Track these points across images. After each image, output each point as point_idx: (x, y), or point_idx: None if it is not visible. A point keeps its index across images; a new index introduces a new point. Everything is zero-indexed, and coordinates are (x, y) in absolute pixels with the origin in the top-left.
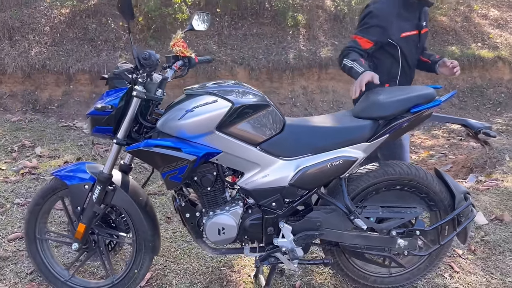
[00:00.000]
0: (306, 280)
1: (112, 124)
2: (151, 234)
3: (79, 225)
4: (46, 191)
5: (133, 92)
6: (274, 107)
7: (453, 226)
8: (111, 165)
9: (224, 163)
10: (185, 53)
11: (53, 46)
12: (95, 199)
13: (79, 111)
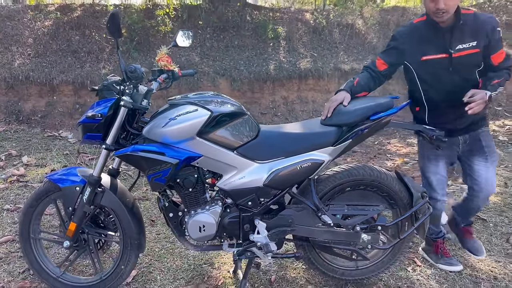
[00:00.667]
0: (281, 275)
1: (102, 131)
2: (136, 233)
3: (71, 224)
4: (40, 194)
5: (121, 102)
6: (249, 115)
7: (411, 222)
8: (100, 169)
9: (204, 166)
10: (169, 67)
11: (36, 57)
12: (85, 200)
13: (62, 121)
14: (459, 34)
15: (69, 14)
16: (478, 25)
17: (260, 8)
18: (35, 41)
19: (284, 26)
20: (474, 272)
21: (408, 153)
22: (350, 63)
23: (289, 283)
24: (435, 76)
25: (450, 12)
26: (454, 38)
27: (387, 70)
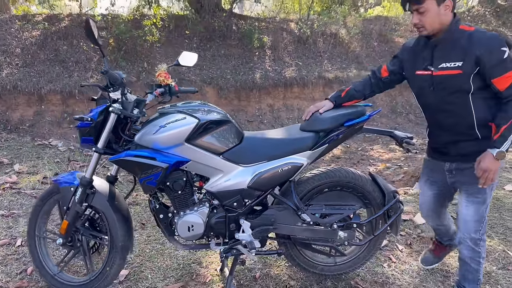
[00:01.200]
0: (265, 272)
1: (93, 135)
2: (122, 235)
3: (63, 222)
4: (45, 194)
5: (110, 108)
6: (233, 122)
7: (384, 220)
8: (92, 171)
9: (193, 170)
10: (166, 82)
11: (24, 67)
12: (77, 199)
13: (51, 130)
14: (446, 52)
15: (56, 24)
16: (469, 45)
17: (245, 17)
18: (23, 51)
19: (270, 35)
20: (445, 267)
21: (390, 158)
22: (334, 71)
23: (272, 279)
24: (421, 94)
25: (428, 28)
26: (438, 55)
27: (388, 78)
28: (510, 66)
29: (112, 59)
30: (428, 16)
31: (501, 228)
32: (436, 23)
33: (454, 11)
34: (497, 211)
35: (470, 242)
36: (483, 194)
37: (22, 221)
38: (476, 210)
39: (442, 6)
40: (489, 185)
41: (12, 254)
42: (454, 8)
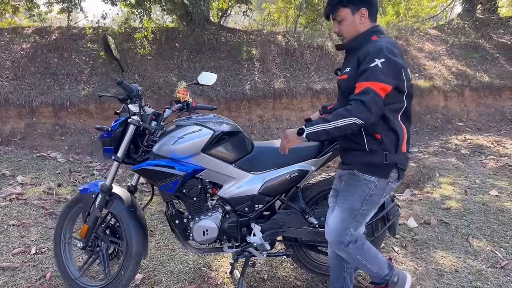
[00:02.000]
0: (273, 274)
1: (113, 145)
2: (137, 241)
3: (84, 226)
4: (71, 202)
5: (129, 120)
6: (244, 133)
7: (383, 222)
8: (112, 178)
9: (207, 178)
10: (184, 98)
11: (15, 80)
12: (97, 205)
13: (42, 142)
14: (349, 58)
15: (46, 37)
16: (359, 52)
17: (234, 30)
18: (13, 64)
19: (258, 48)
20: (439, 267)
21: None
22: (321, 82)
23: (280, 280)
24: (340, 96)
25: (346, 36)
26: (345, 61)
27: None
28: (370, 77)
29: (103, 72)
30: (345, 24)
31: (488, 230)
32: (352, 31)
33: (375, 21)
34: (483, 215)
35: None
36: (354, 206)
37: (33, 230)
38: (341, 216)
39: (357, 15)
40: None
41: (28, 261)
42: (373, 17)
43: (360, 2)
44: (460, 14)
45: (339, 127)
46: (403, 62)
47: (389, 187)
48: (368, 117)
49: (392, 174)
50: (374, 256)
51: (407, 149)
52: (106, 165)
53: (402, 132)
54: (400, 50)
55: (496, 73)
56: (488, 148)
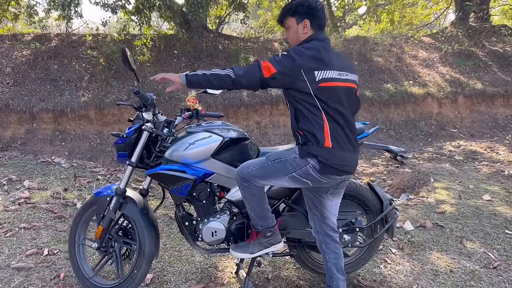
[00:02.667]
0: (276, 274)
1: (128, 150)
2: (149, 241)
3: (99, 228)
4: (85, 205)
5: (143, 127)
6: (251, 139)
7: (382, 224)
8: (126, 182)
9: (216, 182)
10: (194, 106)
11: (15, 86)
12: (111, 208)
13: (43, 148)
14: None
15: (46, 44)
16: None
17: (231, 38)
18: (13, 70)
19: (255, 55)
20: (434, 267)
21: (373, 172)
22: None
23: (283, 280)
24: None
25: (291, 43)
26: None
27: None
28: (267, 59)
29: (102, 78)
30: (290, 32)
31: (481, 233)
32: (295, 39)
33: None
34: (477, 218)
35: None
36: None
37: (44, 232)
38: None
39: (300, 25)
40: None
41: (42, 262)
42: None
43: (304, 13)
44: (453, 22)
45: (216, 74)
46: (310, 64)
47: (306, 170)
48: (240, 75)
49: (311, 161)
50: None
51: (333, 145)
52: (110, 170)
53: (323, 128)
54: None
55: (489, 80)
56: (481, 154)
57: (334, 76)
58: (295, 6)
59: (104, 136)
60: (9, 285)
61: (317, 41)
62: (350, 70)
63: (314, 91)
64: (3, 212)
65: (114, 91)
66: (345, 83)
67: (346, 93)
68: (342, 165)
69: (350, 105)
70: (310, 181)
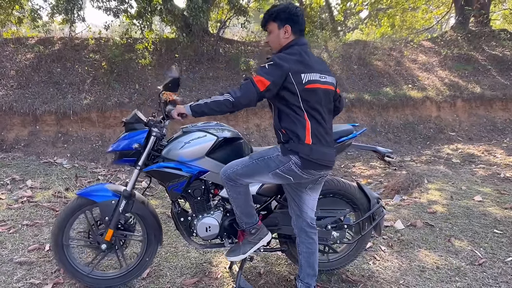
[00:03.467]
0: (268, 269)
1: (137, 156)
2: (158, 230)
3: (109, 231)
4: (73, 208)
5: (153, 133)
6: (244, 139)
7: (370, 221)
8: (133, 185)
9: (210, 179)
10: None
11: (19, 89)
12: (122, 210)
13: (45, 150)
14: None
15: (49, 47)
16: None
17: (232, 41)
18: (17, 73)
19: (255, 58)
20: (421, 264)
21: (371, 174)
22: None
23: (274, 274)
24: None
25: (273, 47)
26: None
27: None
28: (256, 72)
29: (104, 81)
30: (272, 36)
31: (470, 232)
32: (277, 43)
33: (300, 35)
34: (467, 218)
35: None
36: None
37: (45, 229)
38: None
39: (282, 30)
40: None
41: (43, 257)
42: (297, 33)
43: (285, 19)
44: (453, 26)
45: (216, 101)
46: (297, 67)
47: (289, 166)
48: (238, 96)
49: (293, 158)
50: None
51: (313, 142)
52: (110, 170)
53: (305, 127)
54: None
55: (488, 84)
56: (478, 157)
57: (316, 78)
58: (277, 12)
59: (106, 138)
60: (12, 278)
61: (297, 46)
62: (328, 73)
63: (300, 92)
64: (6, 210)
65: (116, 94)
66: (324, 85)
67: (325, 94)
68: (321, 159)
69: (326, 105)
70: (292, 177)
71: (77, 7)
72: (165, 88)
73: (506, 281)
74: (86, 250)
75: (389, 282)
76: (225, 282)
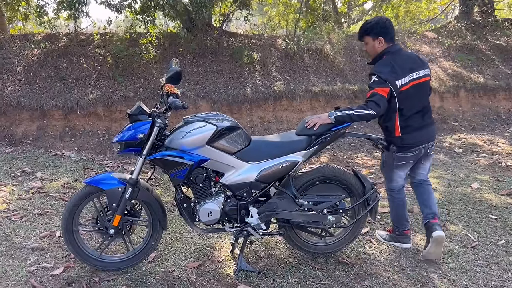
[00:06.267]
0: (268, 253)
1: (141, 146)
2: (163, 215)
3: (116, 217)
4: (82, 195)
5: (156, 124)
6: (243, 129)
7: (364, 206)
8: (138, 173)
9: (211, 167)
10: (171, 90)
11: (27, 84)
12: (128, 197)
13: (53, 144)
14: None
15: (56, 43)
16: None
17: (235, 35)
18: (24, 69)
19: (259, 51)
20: (416, 247)
21: (373, 165)
22: (320, 85)
23: (274, 257)
24: None
25: (371, 55)
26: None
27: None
28: (371, 87)
29: (110, 76)
30: (368, 47)
31: (465, 218)
32: (373, 52)
33: (392, 42)
34: (463, 204)
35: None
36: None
37: (56, 218)
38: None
39: (376, 41)
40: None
41: (54, 243)
42: (390, 40)
43: (378, 32)
44: (456, 16)
45: (358, 115)
46: (390, 76)
47: (394, 156)
48: (379, 110)
49: (391, 148)
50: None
51: (401, 134)
52: (117, 162)
53: (394, 123)
54: (396, 65)
55: (491, 74)
56: (480, 146)
57: (407, 81)
58: (370, 27)
59: (112, 132)
60: (26, 263)
61: (390, 54)
62: (421, 67)
63: (397, 94)
64: (18, 200)
65: (122, 88)
66: (418, 81)
67: (419, 87)
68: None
69: (423, 94)
70: (403, 160)
71: (82, 2)
72: (167, 81)
73: (496, 263)
74: (93, 237)
75: (384, 264)
76: (227, 264)
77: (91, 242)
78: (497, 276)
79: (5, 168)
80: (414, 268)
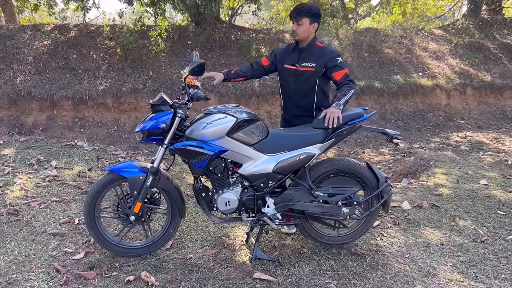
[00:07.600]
0: (282, 242)
1: (163, 135)
2: (182, 204)
3: (137, 204)
4: (105, 182)
5: (178, 114)
6: (261, 121)
7: (378, 199)
8: (159, 162)
9: (229, 158)
10: (192, 83)
11: (37, 74)
12: (149, 185)
13: (63, 134)
14: (306, 55)
15: (65, 34)
16: (321, 54)
17: (243, 29)
18: (34, 59)
19: (267, 46)
20: (426, 240)
21: (380, 160)
22: None
23: (288, 247)
24: (285, 81)
25: (300, 36)
26: (302, 57)
27: (268, 67)
28: (342, 67)
29: (119, 68)
30: (302, 28)
31: (474, 213)
32: (306, 35)
33: (315, 32)
34: (472, 200)
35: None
36: None
37: (73, 205)
38: None
39: (312, 26)
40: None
41: (73, 229)
42: (317, 31)
43: (316, 19)
44: (464, 14)
45: (352, 95)
46: None
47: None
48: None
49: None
50: None
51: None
52: (130, 153)
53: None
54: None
55: (498, 72)
56: (487, 144)
57: None
58: (312, 11)
59: (121, 123)
60: (47, 247)
61: (319, 42)
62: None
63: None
64: (35, 187)
65: (131, 80)
66: None
67: None
68: None
69: None
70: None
71: None
72: (191, 72)
73: (506, 257)
74: (111, 224)
75: (395, 255)
76: (243, 253)
77: (109, 229)
78: (507, 269)
79: (20, 156)
80: (425, 260)
